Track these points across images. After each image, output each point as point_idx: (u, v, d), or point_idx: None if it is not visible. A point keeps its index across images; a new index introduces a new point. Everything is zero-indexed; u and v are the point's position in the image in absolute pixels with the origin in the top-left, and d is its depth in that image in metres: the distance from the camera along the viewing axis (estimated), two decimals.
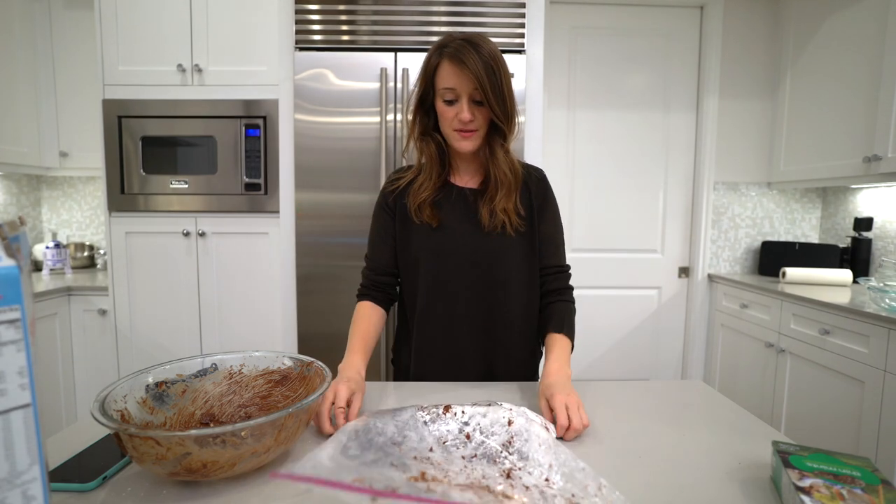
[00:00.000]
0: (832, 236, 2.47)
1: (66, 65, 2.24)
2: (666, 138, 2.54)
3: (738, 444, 0.72)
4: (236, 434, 0.55)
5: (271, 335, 2.05)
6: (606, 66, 2.49)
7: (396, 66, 1.83)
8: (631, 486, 0.61)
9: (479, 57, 0.86)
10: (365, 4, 1.83)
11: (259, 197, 2.00)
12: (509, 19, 1.85)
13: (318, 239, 1.88)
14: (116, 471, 0.63)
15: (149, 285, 2.03)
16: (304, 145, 1.85)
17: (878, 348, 1.56)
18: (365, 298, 1.03)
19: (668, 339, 2.63)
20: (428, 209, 0.98)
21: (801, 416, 1.91)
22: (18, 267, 0.35)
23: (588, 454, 0.69)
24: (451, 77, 0.89)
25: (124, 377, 0.69)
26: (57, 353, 2.05)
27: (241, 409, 0.76)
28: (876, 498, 0.50)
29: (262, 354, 0.79)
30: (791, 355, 1.95)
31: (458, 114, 0.90)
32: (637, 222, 2.57)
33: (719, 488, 0.60)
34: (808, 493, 0.50)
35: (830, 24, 2.12)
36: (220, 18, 1.96)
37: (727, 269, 2.60)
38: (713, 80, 2.46)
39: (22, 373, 0.35)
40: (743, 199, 2.57)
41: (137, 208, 2.00)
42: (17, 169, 2.17)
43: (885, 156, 1.82)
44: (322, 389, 0.65)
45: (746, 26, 2.47)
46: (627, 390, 0.94)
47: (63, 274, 2.34)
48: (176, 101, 1.97)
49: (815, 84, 2.22)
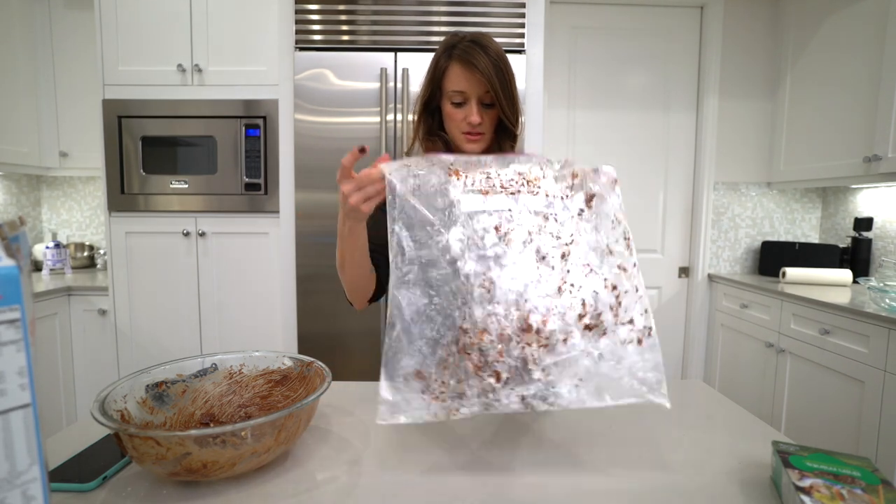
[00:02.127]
0: (832, 236, 2.47)
1: (66, 65, 2.24)
2: (666, 138, 2.53)
3: (738, 444, 0.72)
4: (236, 434, 0.55)
5: (271, 335, 2.05)
6: (606, 66, 2.49)
7: (396, 66, 1.83)
8: (631, 486, 0.61)
9: (489, 59, 0.85)
10: (365, 4, 1.83)
11: (259, 197, 2.00)
12: (509, 19, 1.85)
13: (318, 239, 1.88)
14: (116, 471, 0.63)
15: (149, 285, 2.03)
16: (304, 145, 1.85)
17: (878, 348, 1.56)
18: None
19: (668, 340, 2.63)
20: None
21: (801, 416, 1.91)
22: (18, 267, 0.35)
23: (587, 454, 0.69)
24: (461, 80, 0.88)
25: (124, 377, 0.69)
26: (57, 353, 2.05)
27: (241, 409, 0.76)
28: (876, 498, 0.50)
29: (262, 354, 0.79)
30: (791, 355, 1.95)
31: (466, 116, 0.89)
32: (637, 222, 2.56)
33: (719, 488, 0.60)
34: (808, 494, 0.50)
35: (830, 25, 2.12)
36: (220, 18, 1.96)
37: (727, 269, 2.60)
38: (713, 80, 2.46)
39: (22, 373, 0.35)
40: (743, 199, 2.57)
41: (137, 208, 2.00)
42: (17, 169, 2.17)
43: (885, 156, 1.81)
44: (322, 390, 0.65)
45: (746, 26, 2.47)
46: None
47: (63, 274, 2.34)
48: (176, 101, 1.97)
49: (815, 84, 2.22)
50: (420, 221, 0.57)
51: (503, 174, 0.59)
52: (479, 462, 0.67)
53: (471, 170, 0.60)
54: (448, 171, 0.60)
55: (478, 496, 0.58)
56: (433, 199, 0.58)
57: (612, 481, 0.62)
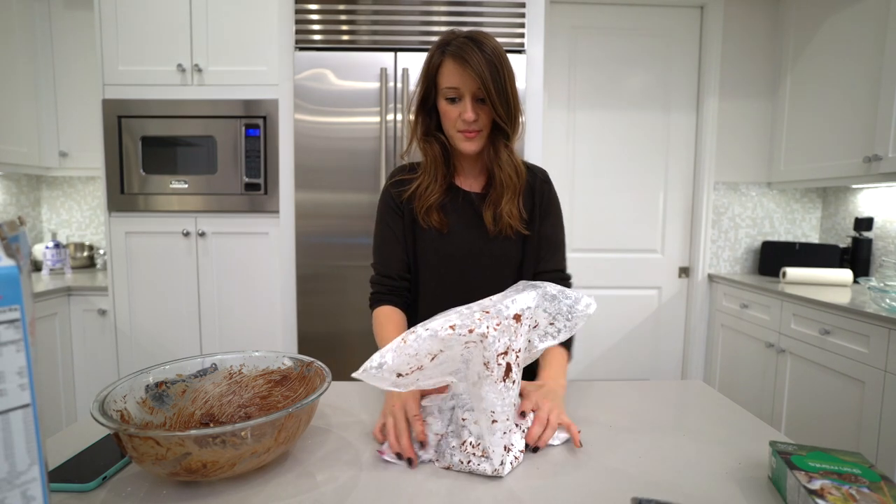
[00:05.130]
0: (832, 236, 2.47)
1: (66, 65, 2.24)
2: (666, 138, 2.53)
3: (737, 444, 0.72)
4: (236, 434, 0.55)
5: (271, 335, 2.05)
6: (606, 66, 2.49)
7: (396, 65, 1.83)
8: (631, 486, 0.61)
9: (483, 55, 0.85)
10: (365, 4, 1.83)
11: (259, 197, 2.00)
12: (509, 19, 1.85)
13: (318, 239, 1.88)
14: (116, 471, 0.63)
15: (149, 285, 2.03)
16: (304, 145, 1.85)
17: (878, 348, 1.56)
18: (382, 304, 0.98)
19: (668, 339, 2.63)
20: (436, 214, 0.96)
21: (801, 416, 1.91)
22: (18, 267, 0.35)
23: (587, 454, 0.69)
24: (454, 76, 0.87)
25: (124, 377, 0.69)
26: (57, 353, 2.05)
27: (240, 409, 0.76)
28: (883, 496, 0.50)
29: (262, 354, 0.79)
30: (791, 355, 1.95)
31: (461, 113, 0.89)
32: (637, 222, 2.57)
33: (719, 488, 0.60)
34: (821, 497, 0.51)
35: (831, 25, 2.12)
36: (220, 18, 1.96)
37: (727, 269, 2.60)
38: (713, 80, 2.46)
39: (21, 373, 0.35)
40: (743, 199, 2.57)
41: (137, 208, 2.00)
42: (17, 169, 2.17)
43: (885, 156, 1.81)
44: (322, 390, 0.65)
45: (746, 26, 2.47)
46: (627, 390, 0.94)
47: (63, 274, 2.34)
48: (176, 101, 1.97)
49: (815, 84, 2.22)
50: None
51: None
52: None
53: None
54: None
55: (478, 496, 0.58)
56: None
57: (612, 481, 0.62)
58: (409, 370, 0.62)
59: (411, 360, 0.61)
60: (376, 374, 0.61)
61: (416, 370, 0.62)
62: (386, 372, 0.61)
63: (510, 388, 0.65)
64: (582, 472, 0.64)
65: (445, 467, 0.65)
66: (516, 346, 0.64)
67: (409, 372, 0.62)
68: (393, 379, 0.61)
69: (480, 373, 0.64)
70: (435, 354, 0.62)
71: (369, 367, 0.61)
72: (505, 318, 0.63)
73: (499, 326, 0.62)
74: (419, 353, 0.61)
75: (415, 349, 0.61)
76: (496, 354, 0.62)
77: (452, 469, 0.65)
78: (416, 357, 0.61)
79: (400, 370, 0.61)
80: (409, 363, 0.61)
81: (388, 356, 0.61)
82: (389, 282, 0.99)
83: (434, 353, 0.62)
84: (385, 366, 0.60)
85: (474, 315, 0.63)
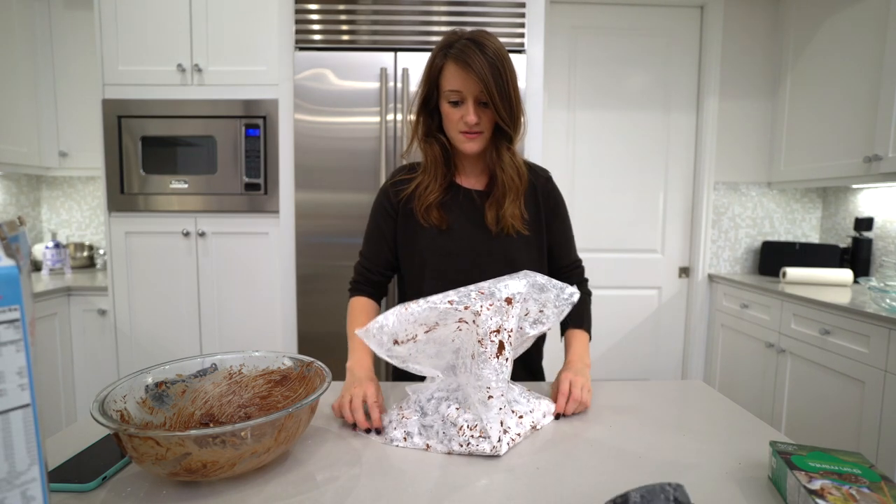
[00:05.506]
0: (833, 236, 2.47)
1: (66, 65, 2.24)
2: (666, 138, 2.53)
3: (737, 444, 0.72)
4: (236, 434, 0.55)
5: (271, 335, 2.05)
6: (607, 66, 2.49)
7: (396, 65, 1.83)
8: (631, 486, 0.60)
9: (485, 58, 0.85)
10: (365, 4, 1.83)
11: (259, 197, 2.00)
12: (509, 19, 1.85)
13: (318, 239, 1.88)
14: (116, 471, 0.63)
15: (149, 285, 2.03)
16: (304, 145, 1.85)
17: (878, 348, 1.56)
18: (358, 294, 1.04)
19: (668, 339, 2.63)
20: (435, 212, 0.97)
21: (801, 416, 1.91)
22: (18, 267, 0.35)
23: (587, 454, 0.69)
24: (457, 79, 0.87)
25: (124, 377, 0.69)
26: (57, 353, 2.05)
27: (240, 409, 0.76)
28: (883, 496, 0.50)
29: (262, 354, 0.79)
30: (791, 355, 1.95)
31: (463, 116, 0.89)
32: (637, 222, 2.57)
33: (719, 488, 0.60)
34: (822, 497, 0.51)
35: (831, 25, 2.12)
36: (220, 18, 1.96)
37: (727, 269, 2.60)
38: (713, 80, 2.46)
39: (21, 373, 0.35)
40: (743, 199, 2.56)
41: (137, 208, 2.00)
42: (17, 169, 2.17)
43: (885, 156, 1.81)
44: (322, 390, 0.65)
45: (746, 26, 2.47)
46: (627, 390, 0.94)
47: (63, 274, 2.34)
48: (176, 101, 1.97)
49: (815, 84, 2.22)
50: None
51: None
52: (479, 461, 0.67)
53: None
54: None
55: (478, 495, 0.58)
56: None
57: (612, 481, 0.62)
58: (405, 338, 0.68)
59: (409, 326, 0.67)
60: (377, 334, 0.67)
61: (411, 340, 0.68)
62: (385, 335, 0.67)
63: (503, 364, 0.70)
64: (581, 472, 0.64)
65: (447, 452, 0.69)
66: (508, 327, 0.70)
67: (405, 340, 0.68)
68: (389, 345, 0.68)
69: (475, 352, 0.69)
70: (431, 327, 0.68)
71: (372, 326, 0.66)
72: (498, 300, 0.69)
73: (492, 307, 0.68)
74: (418, 320, 0.67)
75: (415, 317, 0.67)
76: (489, 332, 0.68)
77: (454, 454, 0.69)
78: (415, 325, 0.67)
79: (397, 336, 0.67)
80: (406, 330, 0.67)
81: (391, 318, 0.67)
82: (371, 275, 1.04)
83: (430, 325, 0.68)
84: (385, 328, 0.67)
85: (471, 294, 0.70)
